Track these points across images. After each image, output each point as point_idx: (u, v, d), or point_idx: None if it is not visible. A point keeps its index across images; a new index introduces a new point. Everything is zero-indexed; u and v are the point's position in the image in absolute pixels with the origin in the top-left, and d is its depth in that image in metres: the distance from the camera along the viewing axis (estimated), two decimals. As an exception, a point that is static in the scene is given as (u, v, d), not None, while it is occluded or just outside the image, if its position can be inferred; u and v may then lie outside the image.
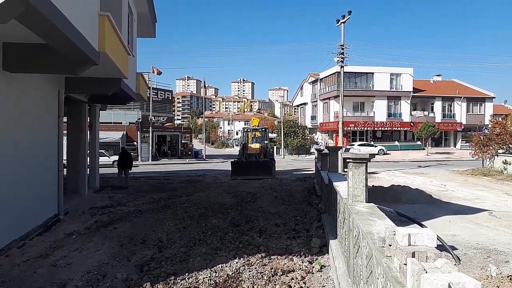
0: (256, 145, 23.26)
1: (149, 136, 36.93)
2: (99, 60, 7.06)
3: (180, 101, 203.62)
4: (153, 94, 38.98)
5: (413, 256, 2.38)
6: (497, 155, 23.16)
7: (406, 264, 2.33)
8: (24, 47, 6.42)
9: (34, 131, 8.81)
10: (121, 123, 37.61)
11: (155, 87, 41.35)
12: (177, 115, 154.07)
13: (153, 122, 38.01)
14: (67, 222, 9.65)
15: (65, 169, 12.32)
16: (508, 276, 5.69)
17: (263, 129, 27.59)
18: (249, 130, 26.86)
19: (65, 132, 12.33)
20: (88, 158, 14.78)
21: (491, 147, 24.10)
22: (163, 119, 42.89)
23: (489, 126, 27.33)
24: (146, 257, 6.82)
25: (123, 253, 7.07)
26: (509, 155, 22.43)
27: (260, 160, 22.00)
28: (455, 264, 6.07)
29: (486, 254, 6.95)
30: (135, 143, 36.94)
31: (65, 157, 12.53)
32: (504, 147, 23.59)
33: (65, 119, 12.36)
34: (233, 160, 22.51)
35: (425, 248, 2.45)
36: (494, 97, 54.63)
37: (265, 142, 25.23)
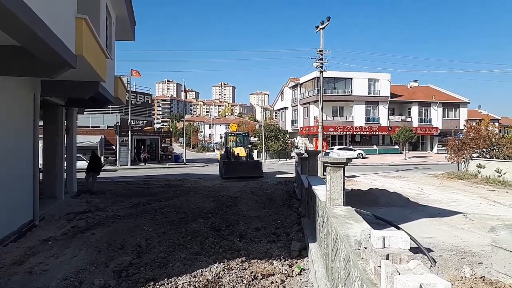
0: (242, 149, 25.05)
1: (128, 140, 36.47)
2: (76, 63, 6.96)
3: (160, 104, 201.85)
4: (132, 98, 38.53)
5: (387, 258, 2.44)
6: (472, 159, 23.79)
7: (380, 266, 2.38)
8: (-2, 49, 6.28)
9: (8, 135, 8.60)
10: (99, 127, 37.05)
11: (134, 90, 40.91)
12: (157, 118, 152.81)
13: (132, 126, 37.55)
14: (43, 228, 9.43)
15: (41, 174, 12.04)
16: (481, 277, 5.85)
17: (245, 134, 29.14)
18: (232, 134, 28.40)
19: (41, 136, 12.06)
20: (65, 162, 14.49)
21: (465, 151, 24.74)
22: (143, 122, 42.42)
23: (464, 130, 28.06)
24: (125, 263, 6.73)
25: (101, 259, 6.96)
26: (483, 159, 23.07)
27: (250, 161, 24.51)
28: (430, 266, 6.21)
29: (460, 256, 7.13)
30: (114, 147, 36.42)
31: (41, 161, 12.25)
32: (478, 151, 24.27)
33: (41, 123, 12.10)
34: (225, 161, 23.59)
35: (399, 250, 2.52)
36: (469, 103, 56.21)
37: (249, 146, 26.74)
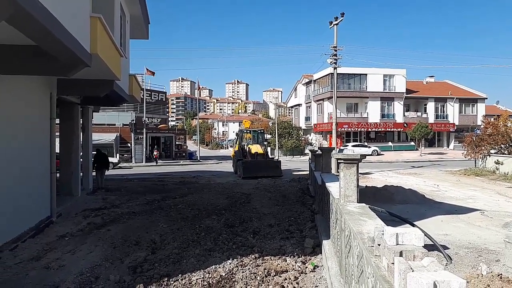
0: (259, 147, 24.04)
1: (143, 137, 36.82)
2: (91, 62, 7.04)
3: (174, 102, 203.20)
4: (146, 96, 38.88)
5: (401, 255, 2.42)
6: (489, 155, 23.34)
7: (394, 263, 2.36)
8: (15, 48, 6.39)
9: (26, 133, 8.77)
10: (114, 124, 37.49)
11: (148, 88, 41.25)
12: (171, 116, 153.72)
13: (147, 123, 37.90)
14: (60, 224, 9.61)
15: (58, 172, 12.26)
16: (498, 275, 5.74)
17: (260, 131, 28.20)
18: (247, 131, 27.31)
19: (57, 134, 12.27)
20: (81, 160, 14.71)
21: (483, 148, 24.29)
22: (157, 120, 42.77)
23: (481, 126, 27.55)
24: (139, 259, 6.82)
25: (116, 255, 7.06)
26: (501, 155, 22.62)
27: (269, 160, 23.91)
28: (446, 263, 6.13)
29: (477, 253, 7.01)
30: (129, 144, 36.84)
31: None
32: (496, 147, 23.78)
33: (57, 121, 12.31)
34: (241, 159, 23.07)
35: (412, 247, 2.49)
36: (486, 98, 55.05)
37: (265, 143, 25.92)
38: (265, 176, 20.90)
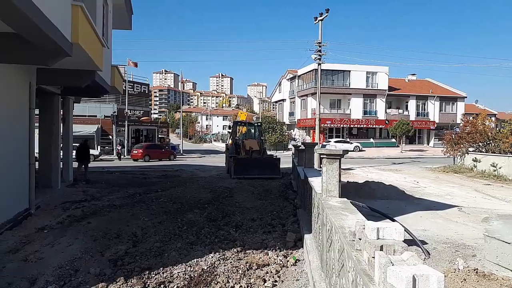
0: (254, 142, 21.02)
1: (124, 130, 36.36)
2: (72, 51, 6.90)
3: (157, 94, 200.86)
4: (129, 87, 38.35)
5: (381, 249, 2.45)
6: (468, 153, 23.86)
7: (374, 257, 2.39)
8: (-7, 36, 6.22)
9: (4, 123, 8.54)
10: (96, 116, 36.89)
11: (131, 80, 40.70)
12: (154, 109, 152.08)
13: (129, 115, 37.43)
14: (38, 217, 9.42)
15: (37, 163, 12.02)
16: (474, 270, 5.89)
17: (257, 124, 25.11)
18: (242, 124, 24.10)
19: (37, 125, 12.01)
20: (61, 151, 14.45)
21: (462, 145, 24.81)
22: (139, 112, 42.27)
23: (461, 125, 28.12)
24: (120, 252, 6.74)
25: (97, 248, 6.96)
26: (479, 153, 23.14)
27: (265, 157, 20.46)
28: (424, 258, 6.25)
29: (454, 249, 7.18)
30: (110, 137, 36.33)
31: (37, 150, 12.21)
32: (474, 145, 24.33)
33: (37, 112, 12.04)
34: (233, 156, 19.68)
35: (392, 241, 2.52)
36: (466, 97, 56.28)
37: (261, 138, 22.75)
38: (260, 177, 17.33)
